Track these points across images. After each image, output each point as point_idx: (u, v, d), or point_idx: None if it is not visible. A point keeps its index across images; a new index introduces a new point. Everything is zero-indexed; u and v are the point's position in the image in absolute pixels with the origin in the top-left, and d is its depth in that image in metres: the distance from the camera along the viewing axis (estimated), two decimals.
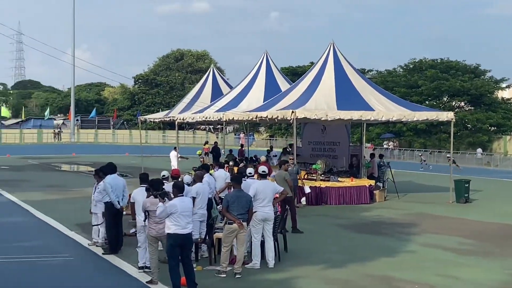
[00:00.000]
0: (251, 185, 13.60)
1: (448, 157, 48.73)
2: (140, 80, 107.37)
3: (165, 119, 36.00)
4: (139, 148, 40.17)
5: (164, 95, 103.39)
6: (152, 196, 11.83)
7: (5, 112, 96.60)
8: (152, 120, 39.92)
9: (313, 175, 25.67)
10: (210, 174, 16.95)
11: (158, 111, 76.45)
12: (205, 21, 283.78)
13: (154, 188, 11.96)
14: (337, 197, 24.65)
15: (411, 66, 77.53)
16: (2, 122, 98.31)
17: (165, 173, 14.66)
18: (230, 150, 33.84)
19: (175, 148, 33.81)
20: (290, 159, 22.14)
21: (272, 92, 29.06)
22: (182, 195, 11.40)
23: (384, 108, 24.96)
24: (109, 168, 14.91)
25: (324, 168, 27.15)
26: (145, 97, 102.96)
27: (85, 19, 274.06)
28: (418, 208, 24.13)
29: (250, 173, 14.89)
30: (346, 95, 25.07)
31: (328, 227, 19.27)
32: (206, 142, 44.26)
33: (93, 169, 39.98)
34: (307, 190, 22.95)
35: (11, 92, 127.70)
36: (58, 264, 13.38)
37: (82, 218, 19.12)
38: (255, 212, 13.09)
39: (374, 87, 27.50)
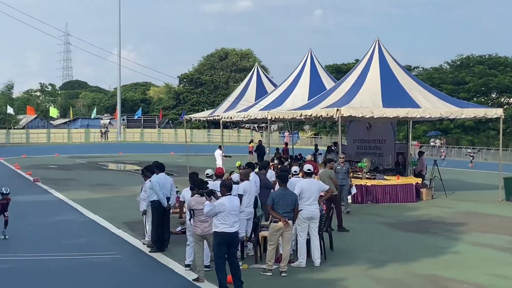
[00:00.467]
0: (297, 184, 13.58)
1: (468, 152, 47.69)
2: (185, 80, 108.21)
3: (210, 118, 36.23)
4: (184, 147, 40.45)
5: (208, 94, 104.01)
6: (197, 195, 11.92)
7: (54, 112, 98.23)
8: (197, 119, 40.19)
9: (359, 173, 25.51)
10: (255, 172, 16.97)
11: (202, 110, 77.08)
12: (249, 19, 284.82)
13: (198, 187, 12.05)
14: (383, 195, 24.45)
15: (458, 62, 76.46)
16: (51, 122, 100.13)
17: (209, 171, 14.74)
18: (277, 149, 33.88)
19: (220, 146, 33.98)
20: (340, 157, 22.02)
21: (317, 90, 28.97)
22: (230, 194, 11.45)
23: (430, 105, 24.65)
24: (156, 167, 15.04)
25: (370, 166, 26.95)
26: (190, 96, 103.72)
27: (130, 19, 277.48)
28: (466, 207, 23.78)
29: (295, 172, 14.87)
30: (392, 92, 24.85)
31: (374, 226, 19.13)
32: (251, 141, 44.45)
33: (139, 168, 40.55)
34: (353, 190, 22.80)
35: (59, 92, 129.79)
36: (107, 261, 13.57)
37: (129, 217, 19.38)
38: (300, 210, 13.08)
39: (421, 84, 27.19)
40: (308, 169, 14.11)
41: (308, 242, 13.36)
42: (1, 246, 15.26)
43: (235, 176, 14.79)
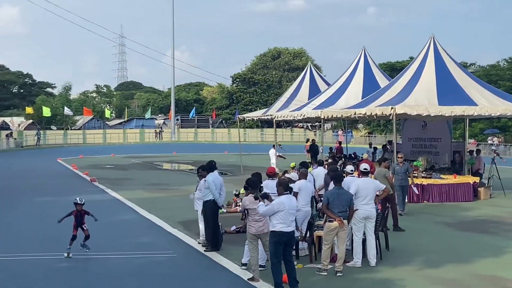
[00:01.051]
0: (353, 183, 13.50)
1: (493, 149, 46.24)
2: (238, 79, 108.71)
3: (263, 117, 36.28)
4: (238, 146, 40.62)
5: (261, 93, 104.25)
6: (251, 195, 11.96)
7: (108, 113, 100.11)
8: (250, 118, 40.33)
9: (415, 172, 25.18)
10: (309, 172, 16.94)
11: (256, 110, 77.30)
12: (301, 18, 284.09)
13: (252, 186, 12.08)
14: (439, 195, 24.08)
15: None
16: (106, 122, 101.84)
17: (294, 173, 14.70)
18: (330, 148, 33.71)
19: (274, 146, 34.01)
20: (399, 157, 21.71)
21: (371, 88, 28.73)
22: (288, 193, 11.46)
23: (488, 103, 24.15)
24: (209, 166, 15.13)
25: (426, 165, 26.59)
26: (243, 96, 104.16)
27: (183, 20, 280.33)
28: None
29: (351, 171, 14.76)
30: (448, 90, 24.44)
31: (431, 225, 18.86)
32: (308, 140, 44.36)
33: (193, 168, 40.93)
34: (416, 191, 22.45)
35: (115, 93, 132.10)
36: (163, 260, 13.73)
37: (184, 216, 19.57)
38: (356, 210, 13.00)
39: (477, 81, 26.67)
40: (365, 168, 14.00)
41: (363, 242, 13.27)
42: (60, 245, 15.57)
43: (294, 175, 14.80)
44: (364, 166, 14.15)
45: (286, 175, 18.77)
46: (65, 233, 17.08)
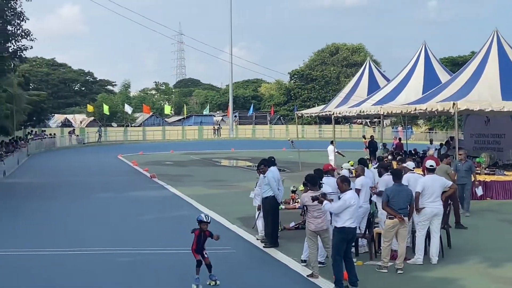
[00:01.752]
0: (419, 180, 13.36)
1: None
2: (296, 76, 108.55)
3: (321, 113, 36.14)
4: (296, 143, 40.58)
5: (319, 89, 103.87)
6: (310, 191, 11.96)
7: (167, 109, 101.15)
8: (308, 115, 40.25)
9: (477, 169, 24.67)
10: (368, 168, 16.80)
11: (313, 106, 77.05)
12: (359, 13, 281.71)
13: (311, 183, 12.06)
14: (504, 192, 23.52)
15: None
16: (165, 119, 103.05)
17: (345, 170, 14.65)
18: (384, 144, 33.41)
19: (332, 142, 33.86)
20: (459, 154, 21.25)
21: (431, 84, 28.29)
22: (351, 189, 11.46)
23: None
24: (269, 162, 15.16)
25: (489, 161, 26.02)
26: (301, 92, 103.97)
27: (241, 17, 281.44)
28: None
29: (413, 168, 14.58)
30: None
31: (494, 223, 18.47)
32: (365, 136, 44.04)
33: (251, 164, 41.09)
34: (479, 192, 22.03)
35: (173, 90, 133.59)
36: (222, 256, 13.82)
37: (242, 212, 19.68)
38: (423, 208, 12.88)
39: None
40: (431, 165, 13.77)
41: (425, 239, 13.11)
42: (121, 240, 15.89)
43: (345, 172, 14.71)
44: (430, 162, 13.87)
45: (338, 171, 18.74)
46: (125, 229, 17.46)
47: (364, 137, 46.77)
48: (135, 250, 14.46)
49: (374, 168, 15.24)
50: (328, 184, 12.91)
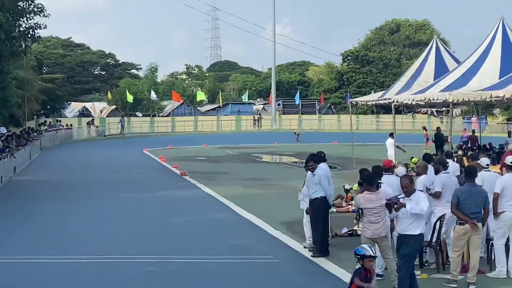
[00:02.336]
0: (497, 179, 13.19)
1: None
2: (349, 57, 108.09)
3: (379, 101, 35.92)
4: (349, 135, 40.43)
5: (377, 73, 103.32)
6: (366, 192, 11.90)
7: (201, 96, 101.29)
8: (364, 103, 40.06)
9: None
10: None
11: (370, 93, 76.57)
12: None
13: (368, 182, 11.99)
14: None
15: None
16: (198, 108, 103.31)
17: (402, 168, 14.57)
18: (445, 137, 33.04)
19: (391, 134, 33.64)
20: None
21: (510, 67, 27.88)
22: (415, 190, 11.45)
23: None
24: (319, 157, 15.12)
25: None
26: (355, 77, 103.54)
27: None
28: None
29: (487, 165, 14.39)
30: None
31: None
32: (425, 128, 43.67)
33: (297, 161, 41.07)
34: None
35: (207, 74, 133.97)
36: (263, 267, 13.88)
37: (287, 216, 19.68)
38: (502, 212, 12.71)
39: None
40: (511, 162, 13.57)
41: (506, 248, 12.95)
42: (149, 246, 16.06)
43: (401, 170, 14.57)
44: (510, 159, 13.65)
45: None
46: (153, 234, 17.65)
47: (424, 128, 46.27)
48: (164, 258, 14.59)
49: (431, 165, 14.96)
50: (389, 183, 12.80)
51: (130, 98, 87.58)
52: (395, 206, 11.22)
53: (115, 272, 13.65)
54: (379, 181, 12.35)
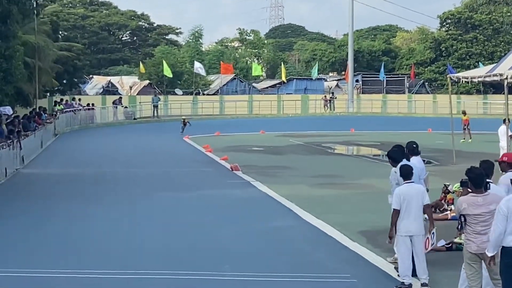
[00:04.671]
0: None
1: None
2: (449, 20, 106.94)
3: (487, 77, 35.49)
4: (448, 121, 40.00)
5: (485, 41, 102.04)
6: (470, 194, 11.77)
7: (257, 70, 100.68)
8: (467, 79, 39.51)
9: None
10: None
11: (476, 66, 75.66)
12: None
13: (475, 183, 11.83)
14: None
15: None
16: (253, 85, 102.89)
17: None
18: None
19: (504, 121, 33.24)
20: None
21: None
22: None
23: None
24: (408, 150, 15.01)
25: None
26: (457, 46, 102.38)
27: None
28: None
29: None
30: None
31: None
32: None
33: (380, 153, 40.82)
34: None
35: (265, 42, 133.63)
36: (335, 287, 13.85)
37: (367, 223, 19.66)
38: None
39: None
40: None
41: None
42: (189, 261, 16.13)
43: None
44: None
45: None
46: (194, 246, 17.73)
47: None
48: (208, 275, 14.65)
49: None
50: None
51: (167, 71, 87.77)
52: None
53: None
54: (488, 180, 12.20)
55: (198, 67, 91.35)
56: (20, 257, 16.50)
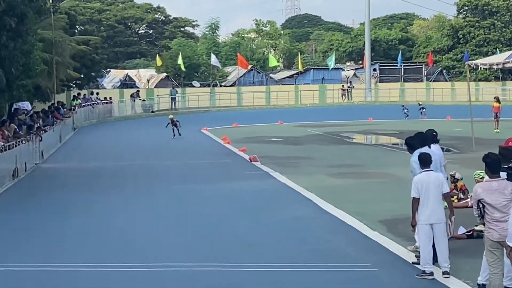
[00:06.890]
0: None
1: None
2: (466, 7, 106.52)
3: (506, 64, 35.41)
4: (467, 109, 39.90)
5: (502, 28, 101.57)
6: (486, 179, 11.72)
7: (273, 61, 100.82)
8: (485, 66, 39.40)
9: None
10: None
11: (494, 53, 75.39)
12: None
13: (493, 169, 11.76)
14: None
15: None
16: (271, 75, 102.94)
17: None
18: None
19: None
20: None
21: None
22: None
23: None
24: (427, 138, 14.96)
25: None
26: (475, 33, 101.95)
27: None
28: None
29: None
30: None
31: None
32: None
33: (398, 142, 40.75)
34: None
35: (282, 33, 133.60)
36: (357, 277, 13.82)
37: (387, 212, 19.64)
38: None
39: None
40: None
41: None
42: (209, 252, 16.15)
43: None
44: None
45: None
46: (214, 237, 17.76)
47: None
48: (228, 267, 14.66)
49: None
50: None
51: (181, 63, 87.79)
52: None
53: (165, 284, 13.82)
54: (506, 166, 12.11)
55: (214, 61, 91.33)
56: (41, 251, 16.54)
